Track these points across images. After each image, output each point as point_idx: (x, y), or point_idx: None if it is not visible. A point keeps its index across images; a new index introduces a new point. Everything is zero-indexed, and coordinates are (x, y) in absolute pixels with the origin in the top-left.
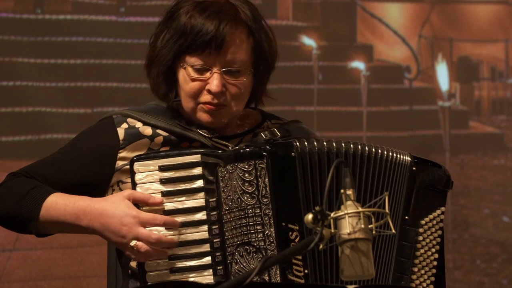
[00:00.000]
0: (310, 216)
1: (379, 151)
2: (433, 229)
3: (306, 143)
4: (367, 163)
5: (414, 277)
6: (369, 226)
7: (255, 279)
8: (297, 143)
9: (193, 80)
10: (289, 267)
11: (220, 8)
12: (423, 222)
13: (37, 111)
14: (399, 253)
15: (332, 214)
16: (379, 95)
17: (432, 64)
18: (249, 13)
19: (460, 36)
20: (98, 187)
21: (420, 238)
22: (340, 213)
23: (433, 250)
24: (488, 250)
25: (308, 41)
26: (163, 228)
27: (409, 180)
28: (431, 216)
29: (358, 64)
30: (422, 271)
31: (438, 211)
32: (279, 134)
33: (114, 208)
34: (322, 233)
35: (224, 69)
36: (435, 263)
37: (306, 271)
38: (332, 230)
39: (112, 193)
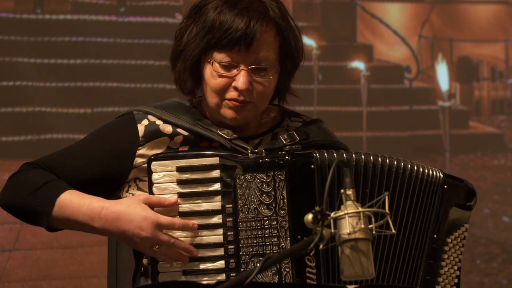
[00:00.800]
0: (310, 216)
1: (409, 166)
2: (457, 247)
3: (326, 155)
4: (394, 177)
5: None
6: (369, 226)
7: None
8: (317, 155)
9: (220, 76)
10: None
11: (250, 5)
12: (449, 240)
13: (37, 111)
14: (426, 272)
15: (332, 214)
16: (379, 95)
17: (432, 64)
18: (277, 10)
19: (460, 36)
20: (115, 182)
21: (445, 256)
22: (340, 213)
23: (455, 267)
24: (488, 250)
25: (308, 41)
26: (178, 232)
27: (441, 198)
28: (456, 234)
29: (358, 64)
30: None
31: (463, 228)
32: (297, 137)
33: (131, 212)
34: (322, 233)
35: (251, 67)
36: (456, 280)
37: (319, 274)
38: (332, 230)
39: (128, 189)
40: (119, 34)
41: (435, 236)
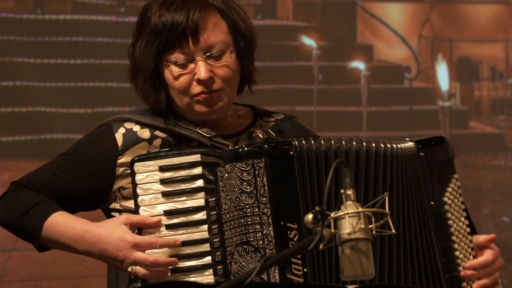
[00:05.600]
0: (310, 216)
1: (382, 145)
2: (456, 200)
3: (304, 142)
4: (375, 160)
5: (457, 253)
6: (369, 226)
7: (255, 279)
8: (296, 142)
9: (180, 75)
10: (288, 266)
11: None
12: (445, 199)
13: (37, 111)
14: (439, 239)
15: (332, 214)
16: (379, 95)
17: (432, 64)
18: None
19: (460, 36)
20: (100, 195)
21: (449, 215)
22: (340, 213)
23: (463, 219)
24: None
25: (308, 41)
26: (164, 229)
27: (421, 166)
28: (449, 189)
29: (358, 64)
30: (462, 244)
31: (453, 180)
32: (273, 134)
33: (110, 233)
34: (322, 233)
35: (206, 55)
36: (468, 229)
37: (305, 269)
38: (332, 230)
39: (115, 199)
40: (119, 34)
41: (432, 203)
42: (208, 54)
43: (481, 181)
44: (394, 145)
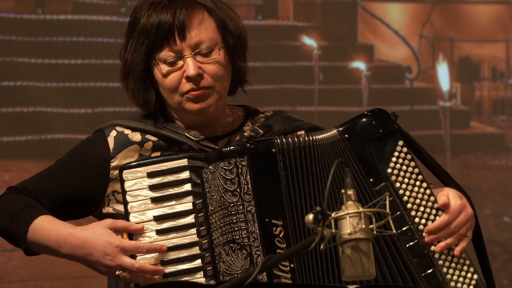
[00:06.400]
0: (311, 216)
1: (306, 138)
2: (404, 167)
3: (288, 139)
4: (302, 155)
5: (416, 220)
6: (370, 226)
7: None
8: (278, 140)
9: (169, 73)
10: (273, 251)
11: None
12: (389, 170)
13: (38, 111)
14: (392, 211)
15: (333, 214)
16: (380, 95)
17: (433, 64)
18: None
19: (461, 36)
20: (95, 199)
21: (397, 184)
22: (341, 213)
23: (418, 183)
24: (489, 250)
25: (309, 41)
26: (154, 234)
27: (350, 148)
28: (394, 159)
29: (359, 64)
30: (422, 208)
31: (398, 148)
32: (261, 131)
33: (95, 237)
34: (323, 233)
35: (194, 52)
36: (428, 191)
37: (292, 265)
38: (333, 230)
39: (109, 203)
40: (120, 34)
41: (371, 180)
42: (196, 51)
43: (482, 181)
44: (315, 137)
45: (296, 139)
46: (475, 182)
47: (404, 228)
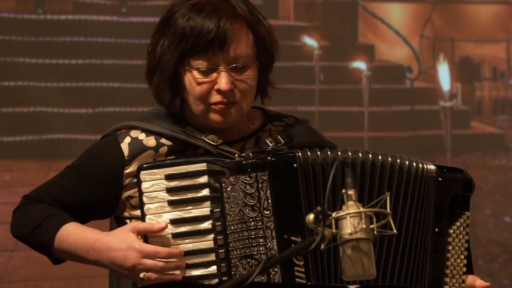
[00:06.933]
0: (311, 216)
1: (398, 161)
2: (461, 236)
3: (309, 154)
4: (388, 174)
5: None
6: (371, 226)
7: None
8: (300, 154)
9: (201, 82)
10: (290, 268)
11: (217, 6)
12: (451, 231)
13: (39, 111)
14: (433, 267)
15: (333, 214)
16: (381, 95)
17: (434, 64)
18: (244, 7)
19: (461, 36)
20: (108, 205)
21: (450, 247)
22: (342, 213)
23: (462, 256)
24: (489, 250)
25: (310, 41)
26: (170, 238)
27: (436, 191)
28: (458, 224)
29: (360, 64)
30: (454, 280)
31: (464, 217)
32: (282, 140)
33: (118, 242)
34: (323, 233)
35: (230, 66)
36: (464, 269)
37: (307, 271)
38: (334, 230)
39: (125, 209)
40: (121, 34)
41: (436, 230)
42: (232, 66)
43: (482, 181)
44: (419, 164)
45: (320, 154)
46: (475, 182)
47: None
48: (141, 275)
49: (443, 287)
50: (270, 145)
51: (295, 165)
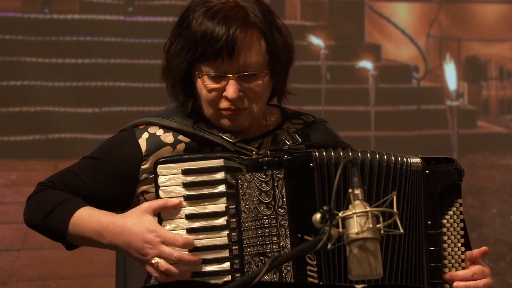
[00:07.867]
0: (318, 216)
1: (392, 158)
2: (455, 224)
3: (325, 153)
4: (385, 172)
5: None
6: (377, 225)
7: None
8: (316, 153)
9: (210, 89)
10: (302, 267)
11: (229, 13)
12: (444, 221)
13: (45, 110)
14: (430, 260)
15: (340, 214)
16: (387, 94)
17: (440, 64)
18: (259, 14)
19: (468, 36)
20: (123, 201)
21: (445, 237)
22: (348, 212)
23: (459, 244)
24: (496, 249)
25: (316, 40)
26: (184, 233)
27: (424, 184)
28: (451, 213)
29: (366, 64)
30: (453, 269)
31: (457, 205)
32: (299, 139)
33: (136, 224)
34: (330, 233)
35: (238, 74)
36: (463, 257)
37: (320, 272)
38: (340, 230)
39: (138, 203)
40: (127, 33)
41: (429, 222)
42: (241, 74)
43: (489, 181)
44: (404, 159)
45: (333, 154)
46: (482, 182)
47: (435, 281)
48: (153, 261)
49: (443, 277)
50: (288, 143)
51: (311, 164)
